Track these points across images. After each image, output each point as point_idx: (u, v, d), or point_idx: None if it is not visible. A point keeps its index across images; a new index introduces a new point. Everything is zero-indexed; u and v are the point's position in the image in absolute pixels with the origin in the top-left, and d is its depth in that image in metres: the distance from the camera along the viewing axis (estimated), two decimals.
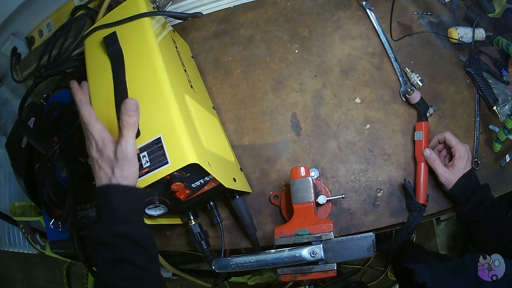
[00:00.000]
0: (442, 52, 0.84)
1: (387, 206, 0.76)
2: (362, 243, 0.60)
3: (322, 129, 0.81)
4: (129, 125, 0.51)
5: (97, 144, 0.52)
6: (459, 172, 0.70)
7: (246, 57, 0.89)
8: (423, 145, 0.75)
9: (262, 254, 0.62)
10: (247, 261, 0.64)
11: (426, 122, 0.76)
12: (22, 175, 0.95)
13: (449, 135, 0.72)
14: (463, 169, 0.70)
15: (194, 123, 0.63)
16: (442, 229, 1.49)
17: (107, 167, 0.52)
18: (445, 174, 0.71)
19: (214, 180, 0.60)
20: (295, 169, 0.68)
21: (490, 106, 0.79)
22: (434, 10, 0.87)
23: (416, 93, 0.77)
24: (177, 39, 0.84)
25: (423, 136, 0.75)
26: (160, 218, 0.68)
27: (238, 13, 0.92)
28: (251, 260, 0.62)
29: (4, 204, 1.19)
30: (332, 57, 0.85)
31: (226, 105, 0.87)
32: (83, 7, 0.92)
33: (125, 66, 0.64)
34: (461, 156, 0.70)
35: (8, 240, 1.27)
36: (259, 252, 0.63)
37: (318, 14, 0.89)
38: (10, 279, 1.92)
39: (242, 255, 0.66)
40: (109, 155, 0.52)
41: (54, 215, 0.90)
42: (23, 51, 1.01)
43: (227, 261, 0.66)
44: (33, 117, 0.92)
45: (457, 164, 0.70)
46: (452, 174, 0.71)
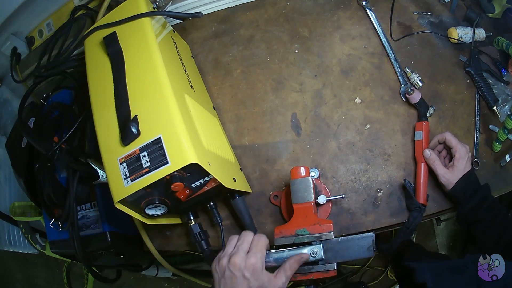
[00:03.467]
0: (442, 52, 0.84)
1: (387, 206, 0.76)
2: (362, 243, 0.60)
3: (322, 129, 0.81)
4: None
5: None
6: (459, 173, 0.70)
7: (246, 57, 0.89)
8: (423, 145, 0.75)
9: None
10: None
11: (426, 122, 0.76)
12: (22, 175, 0.95)
13: (449, 136, 0.72)
14: (463, 169, 0.70)
15: (194, 123, 0.63)
16: (442, 229, 1.49)
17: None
18: (445, 174, 0.71)
19: (214, 180, 0.60)
20: (295, 169, 0.68)
21: (490, 106, 0.79)
22: (434, 10, 0.87)
23: (416, 93, 0.77)
24: (177, 39, 0.84)
25: (423, 136, 0.75)
26: (160, 218, 0.68)
27: (238, 13, 0.92)
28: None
29: (4, 204, 1.18)
30: (332, 57, 0.85)
31: (226, 105, 0.87)
32: (83, 7, 0.92)
33: (125, 66, 0.64)
34: (461, 157, 0.70)
35: (8, 240, 1.26)
36: None
37: (318, 14, 0.89)
38: (10, 279, 1.92)
39: None
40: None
41: (54, 215, 0.89)
42: (23, 51, 1.01)
43: None
44: (33, 117, 0.91)
45: (457, 164, 0.70)
46: (452, 175, 0.71)
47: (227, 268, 0.54)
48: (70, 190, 0.81)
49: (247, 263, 0.53)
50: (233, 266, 0.53)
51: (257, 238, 0.57)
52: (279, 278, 0.55)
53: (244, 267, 0.53)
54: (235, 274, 0.53)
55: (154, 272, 1.38)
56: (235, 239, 0.58)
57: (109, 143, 0.60)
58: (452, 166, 0.71)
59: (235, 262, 0.53)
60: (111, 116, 0.61)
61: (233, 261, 0.53)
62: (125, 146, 0.57)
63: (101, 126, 0.62)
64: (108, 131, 0.60)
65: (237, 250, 0.55)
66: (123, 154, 0.57)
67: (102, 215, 0.86)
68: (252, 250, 0.55)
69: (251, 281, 0.53)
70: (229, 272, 0.53)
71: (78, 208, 0.88)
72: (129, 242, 0.90)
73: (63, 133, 0.87)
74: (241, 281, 0.53)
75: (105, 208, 0.87)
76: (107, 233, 0.85)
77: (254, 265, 0.53)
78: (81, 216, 0.88)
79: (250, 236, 0.58)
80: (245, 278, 0.53)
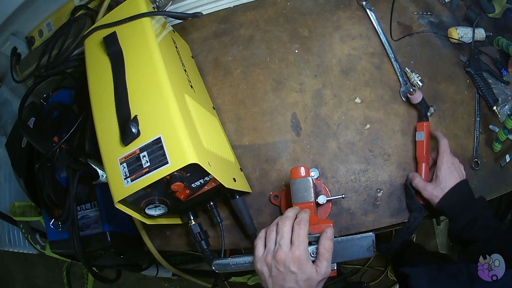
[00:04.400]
0: (442, 52, 0.84)
1: (387, 206, 0.76)
2: (362, 243, 0.60)
3: (322, 129, 0.81)
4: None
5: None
6: (444, 184, 0.65)
7: (246, 57, 0.89)
8: (425, 146, 0.74)
9: None
10: (247, 261, 0.64)
11: (427, 122, 0.76)
12: (22, 175, 0.95)
13: (443, 141, 0.69)
14: (449, 180, 0.65)
15: (194, 123, 0.63)
16: (442, 229, 1.49)
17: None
18: (427, 187, 0.66)
19: (214, 180, 0.60)
20: (295, 169, 0.68)
21: (490, 106, 0.79)
22: (434, 10, 0.87)
23: (418, 93, 0.76)
24: (177, 39, 0.84)
25: (425, 137, 0.75)
26: (160, 218, 0.68)
27: (238, 13, 0.92)
28: (251, 260, 0.62)
29: (4, 204, 1.18)
30: (332, 57, 0.85)
31: (226, 105, 0.87)
32: (83, 7, 0.92)
33: (125, 66, 0.64)
34: (442, 164, 0.65)
35: (8, 240, 1.26)
36: None
37: (318, 14, 0.89)
38: (10, 279, 1.92)
39: (242, 255, 0.66)
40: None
41: (54, 215, 0.89)
42: (23, 51, 1.01)
43: (227, 261, 0.66)
44: (33, 117, 0.91)
45: (439, 174, 0.65)
46: (435, 187, 0.65)
47: (274, 265, 0.53)
48: (70, 190, 0.82)
49: (292, 257, 0.53)
50: (279, 262, 0.52)
51: (297, 228, 0.55)
52: (321, 265, 0.54)
53: (290, 261, 0.52)
54: (282, 270, 0.52)
55: (154, 272, 1.38)
56: (274, 234, 0.56)
57: (109, 143, 0.60)
58: (435, 177, 0.66)
59: (280, 258, 0.53)
60: (111, 116, 0.61)
61: (278, 257, 0.53)
62: (125, 146, 0.57)
63: (101, 126, 0.62)
64: (108, 131, 0.60)
65: (279, 245, 0.54)
66: (123, 154, 0.57)
67: (102, 215, 0.86)
68: (295, 243, 0.54)
69: (298, 275, 0.52)
70: (276, 270, 0.53)
71: (78, 208, 0.88)
72: (129, 242, 0.90)
73: (63, 133, 0.87)
74: (289, 276, 0.52)
75: (105, 208, 0.87)
76: (107, 233, 0.85)
77: (299, 258, 0.53)
78: (81, 216, 0.88)
79: (288, 226, 0.56)
80: (293, 273, 0.52)
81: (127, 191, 0.55)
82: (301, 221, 0.57)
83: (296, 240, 0.54)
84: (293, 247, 0.54)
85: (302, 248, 0.53)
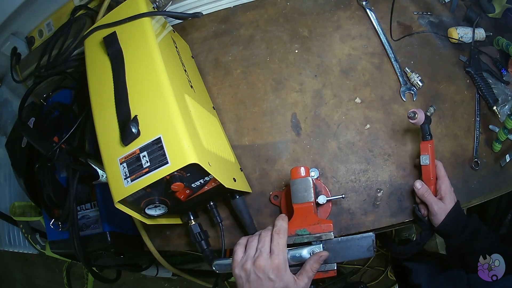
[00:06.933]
0: (442, 52, 0.84)
1: (387, 206, 0.76)
2: (362, 243, 0.60)
3: (322, 129, 0.81)
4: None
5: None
6: (449, 204, 0.67)
7: (246, 57, 0.89)
8: (431, 170, 0.70)
9: None
10: None
11: (431, 142, 0.69)
12: (22, 175, 0.95)
13: (440, 165, 0.70)
14: (452, 201, 0.68)
15: (194, 123, 0.63)
16: None
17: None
18: (438, 203, 0.67)
19: (214, 180, 0.60)
20: (295, 169, 0.68)
21: (490, 106, 0.79)
22: (434, 10, 0.87)
23: (419, 114, 0.65)
24: (177, 39, 0.84)
25: (430, 160, 0.69)
26: (160, 218, 0.68)
27: (238, 13, 0.92)
28: None
29: (4, 204, 1.18)
30: (332, 57, 0.85)
31: (226, 105, 0.87)
32: (83, 7, 0.92)
33: (125, 66, 0.64)
34: (447, 188, 0.68)
35: (8, 240, 1.26)
36: None
37: (318, 14, 0.89)
38: (10, 279, 1.92)
39: None
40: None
41: (54, 215, 0.90)
42: (23, 51, 1.01)
43: (227, 261, 0.66)
44: (33, 117, 0.91)
45: (445, 196, 0.67)
46: (444, 205, 0.67)
47: (252, 271, 0.54)
48: (70, 190, 0.82)
49: (271, 264, 0.54)
50: (258, 268, 0.54)
51: (276, 238, 0.57)
52: (301, 279, 0.56)
53: (269, 269, 0.54)
54: (260, 277, 0.53)
55: (154, 272, 1.38)
56: (256, 241, 0.58)
57: (109, 143, 0.60)
58: (442, 197, 0.68)
59: (259, 265, 0.54)
60: (111, 116, 0.61)
61: (258, 264, 0.54)
62: (125, 146, 0.57)
63: (101, 126, 0.62)
64: (108, 131, 0.60)
65: (260, 252, 0.55)
66: (123, 154, 0.57)
67: (102, 215, 0.86)
68: (275, 252, 0.55)
69: (276, 282, 0.53)
70: (254, 276, 0.54)
71: (78, 208, 0.88)
72: (129, 242, 0.90)
73: (63, 133, 0.87)
74: (267, 283, 0.53)
75: (105, 208, 0.87)
76: (107, 233, 0.85)
77: (279, 266, 0.54)
78: (81, 216, 0.88)
79: (268, 236, 0.58)
80: (271, 280, 0.53)
81: (127, 191, 0.55)
82: (280, 230, 0.59)
83: (276, 249, 0.56)
84: (273, 256, 0.55)
85: (281, 257, 0.55)
